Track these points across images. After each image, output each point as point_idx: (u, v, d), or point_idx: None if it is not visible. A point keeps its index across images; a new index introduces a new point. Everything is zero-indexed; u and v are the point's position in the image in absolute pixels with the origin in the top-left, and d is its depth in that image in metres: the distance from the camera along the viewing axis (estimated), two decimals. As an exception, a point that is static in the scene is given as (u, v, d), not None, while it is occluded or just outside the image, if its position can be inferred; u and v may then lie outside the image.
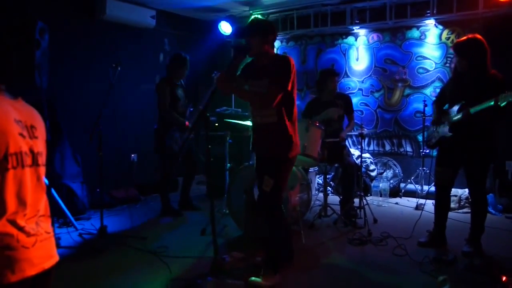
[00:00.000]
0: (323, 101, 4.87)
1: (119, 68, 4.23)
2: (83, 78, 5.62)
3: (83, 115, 5.34)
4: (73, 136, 5.25)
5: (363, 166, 6.30)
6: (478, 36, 3.58)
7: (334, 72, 4.97)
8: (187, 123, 4.94)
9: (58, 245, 3.70)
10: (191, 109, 5.11)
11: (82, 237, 4.24)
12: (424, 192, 5.70)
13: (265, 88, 3.00)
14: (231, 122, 4.73)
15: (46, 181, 4.09)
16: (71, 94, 5.47)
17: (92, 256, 3.75)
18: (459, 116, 3.59)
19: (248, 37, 3.07)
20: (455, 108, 3.67)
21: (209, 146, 2.88)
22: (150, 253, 3.77)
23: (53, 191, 4.31)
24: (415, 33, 6.24)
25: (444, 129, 3.79)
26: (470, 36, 3.61)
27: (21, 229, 1.46)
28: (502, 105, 3.23)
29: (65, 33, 5.40)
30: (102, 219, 4.17)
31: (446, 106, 3.85)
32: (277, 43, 7.42)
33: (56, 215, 4.53)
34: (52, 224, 3.57)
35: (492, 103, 3.30)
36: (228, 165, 4.88)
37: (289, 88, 3.00)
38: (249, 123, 4.55)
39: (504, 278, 2.99)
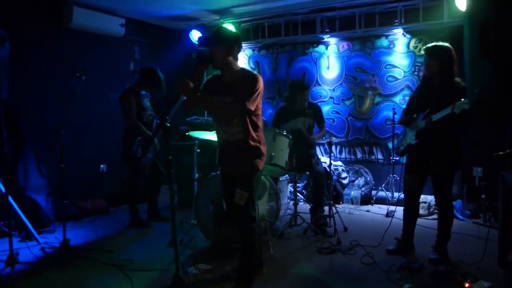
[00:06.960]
0: (293, 110, 4.85)
1: (83, 78, 4.13)
2: (49, 87, 5.48)
3: (49, 125, 5.17)
4: (39, 147, 5.08)
5: (335, 174, 6.33)
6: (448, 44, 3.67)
7: (304, 85, 4.90)
8: None
9: (16, 261, 3.55)
10: (158, 122, 5.00)
11: (44, 251, 4.10)
12: (395, 199, 5.74)
13: (228, 105, 2.95)
14: (196, 135, 4.62)
15: (3, 189, 3.92)
16: (36, 103, 5.33)
17: (53, 271, 3.60)
18: (422, 124, 3.64)
19: (212, 46, 2.94)
20: (422, 115, 3.72)
21: (170, 157, 2.79)
22: (114, 267, 3.66)
23: (13, 203, 4.17)
24: (384, 42, 6.33)
25: (411, 137, 3.83)
26: (440, 42, 3.71)
27: None
28: (457, 112, 3.29)
29: (31, 41, 5.29)
30: (65, 231, 4.04)
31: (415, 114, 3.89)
32: (249, 52, 7.43)
33: (18, 229, 4.39)
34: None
35: (450, 110, 3.36)
36: (196, 175, 4.81)
37: (253, 108, 2.91)
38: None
39: (467, 285, 3.02)
